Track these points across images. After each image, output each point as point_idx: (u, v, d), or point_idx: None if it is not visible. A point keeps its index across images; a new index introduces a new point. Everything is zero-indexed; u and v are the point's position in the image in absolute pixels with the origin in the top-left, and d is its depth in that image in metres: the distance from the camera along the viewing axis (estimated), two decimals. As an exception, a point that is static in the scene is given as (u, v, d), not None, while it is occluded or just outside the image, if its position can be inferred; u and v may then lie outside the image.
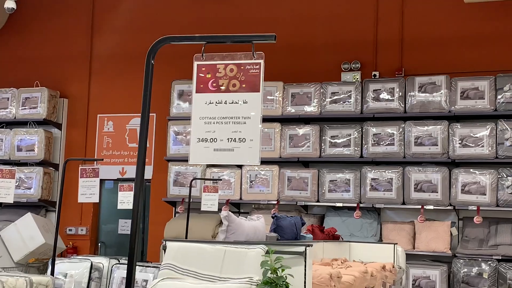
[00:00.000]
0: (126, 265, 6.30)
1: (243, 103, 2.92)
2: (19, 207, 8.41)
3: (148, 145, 9.00)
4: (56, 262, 5.70)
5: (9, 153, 8.73)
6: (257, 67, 2.90)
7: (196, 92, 2.93)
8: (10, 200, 5.77)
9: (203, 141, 2.93)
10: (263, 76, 2.83)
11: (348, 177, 7.49)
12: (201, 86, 2.95)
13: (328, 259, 5.03)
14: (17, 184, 7.86)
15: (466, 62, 7.73)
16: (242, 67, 2.93)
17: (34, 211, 8.44)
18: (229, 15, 8.84)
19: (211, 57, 2.93)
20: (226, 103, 2.93)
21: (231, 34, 2.98)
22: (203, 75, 2.95)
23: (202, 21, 8.90)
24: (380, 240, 7.45)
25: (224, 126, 2.94)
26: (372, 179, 7.39)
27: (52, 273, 5.57)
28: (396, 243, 6.09)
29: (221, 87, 2.97)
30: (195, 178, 7.53)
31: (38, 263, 7.72)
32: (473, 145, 7.08)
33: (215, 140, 2.94)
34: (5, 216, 8.47)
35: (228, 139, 2.93)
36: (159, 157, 8.66)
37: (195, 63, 2.89)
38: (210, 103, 2.94)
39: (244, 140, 2.89)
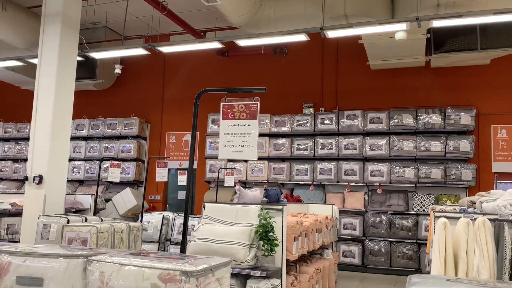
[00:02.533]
0: (183, 216, 6.44)
1: (248, 125, 3.27)
2: (123, 184, 9.79)
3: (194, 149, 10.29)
4: (143, 215, 6.46)
5: (117, 154, 10.05)
6: (255, 105, 3.29)
7: (222, 119, 3.39)
8: (117, 179, 7.11)
9: (225, 146, 3.35)
10: (259, 110, 3.20)
11: (306, 167, 8.86)
12: (225, 116, 3.34)
13: (295, 213, 5.86)
14: (121, 172, 9.40)
15: (373, 102, 8.99)
16: (247, 105, 3.26)
17: (131, 186, 9.80)
18: (242, 76, 9.91)
19: (229, 100, 3.36)
20: (238, 125, 3.27)
21: (241, 88, 3.43)
22: (225, 110, 3.37)
23: (225, 76, 9.95)
24: (325, 202, 8.63)
25: (237, 138, 3.28)
26: (320, 168, 8.74)
27: (141, 221, 6.26)
28: (334, 204, 7.08)
29: (235, 117, 3.36)
30: (221, 168, 8.67)
31: (133, 215, 8.78)
32: (376, 149, 8.49)
33: (232, 145, 3.30)
34: (115, 189, 9.80)
35: (239, 145, 3.28)
36: (201, 156, 9.84)
37: (221, 103, 3.37)
38: (229, 125, 3.32)
39: (248, 146, 3.24)
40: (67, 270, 1.88)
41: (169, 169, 9.73)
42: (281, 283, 4.26)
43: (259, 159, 9.29)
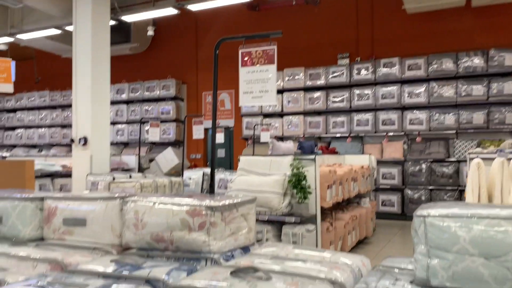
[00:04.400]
0: (222, 172, 6.63)
1: (266, 71, 3.53)
2: (164, 144, 10.19)
3: (230, 107, 10.39)
4: (184, 172, 6.77)
5: (157, 116, 10.41)
6: (272, 50, 3.53)
7: (241, 66, 3.64)
8: (157, 138, 7.47)
9: (246, 93, 3.65)
10: (276, 55, 3.38)
11: (343, 119, 8.89)
12: (244, 63, 3.62)
13: (331, 164, 5.92)
14: (162, 133, 9.81)
15: (410, 48, 8.72)
16: (264, 51, 3.50)
17: (172, 145, 10.00)
18: (274, 29, 9.70)
19: (248, 47, 3.61)
20: (257, 72, 3.52)
21: (258, 33, 3.61)
22: (244, 56, 3.63)
23: (256, 31, 9.89)
24: (362, 154, 8.43)
25: (256, 84, 3.58)
26: (357, 119, 8.76)
27: (182, 177, 6.40)
28: (371, 153, 7.30)
29: (254, 62, 3.53)
30: (256, 124, 9.14)
31: (176, 174, 8.04)
32: (415, 97, 8.28)
33: (252, 92, 3.60)
34: (158, 150, 10.09)
35: (259, 90, 3.58)
36: (237, 113, 10.18)
37: (240, 51, 3.58)
38: (248, 72, 3.56)
39: (267, 91, 3.57)
40: (106, 211, 2.08)
41: (207, 129, 9.85)
42: (316, 228, 4.41)
43: (295, 113, 9.40)
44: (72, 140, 6.17)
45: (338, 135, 9.06)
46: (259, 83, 3.44)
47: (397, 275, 1.48)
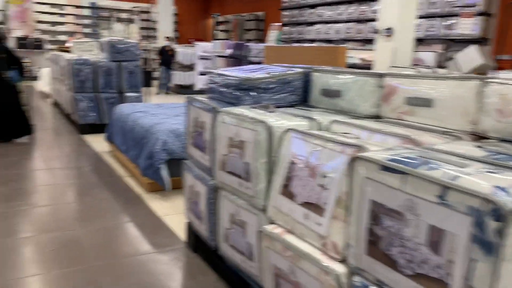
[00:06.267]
0: None
1: None
2: (465, 42, 8.86)
3: None
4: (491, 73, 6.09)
5: (461, 8, 9.30)
6: None
7: None
8: (467, 31, 7.26)
9: None
10: None
11: None
12: None
13: None
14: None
15: None
16: None
17: (476, 43, 8.64)
18: None
19: None
20: None
21: None
22: None
23: None
24: None
25: None
26: None
27: None
28: None
29: None
30: None
31: (478, 75, 8.44)
32: None
33: None
34: (456, 48, 8.94)
35: None
36: None
37: None
38: None
39: None
40: (458, 93, 1.84)
41: (527, 22, 8.17)
42: None
43: None
44: (376, 31, 6.09)
45: None
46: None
47: None
